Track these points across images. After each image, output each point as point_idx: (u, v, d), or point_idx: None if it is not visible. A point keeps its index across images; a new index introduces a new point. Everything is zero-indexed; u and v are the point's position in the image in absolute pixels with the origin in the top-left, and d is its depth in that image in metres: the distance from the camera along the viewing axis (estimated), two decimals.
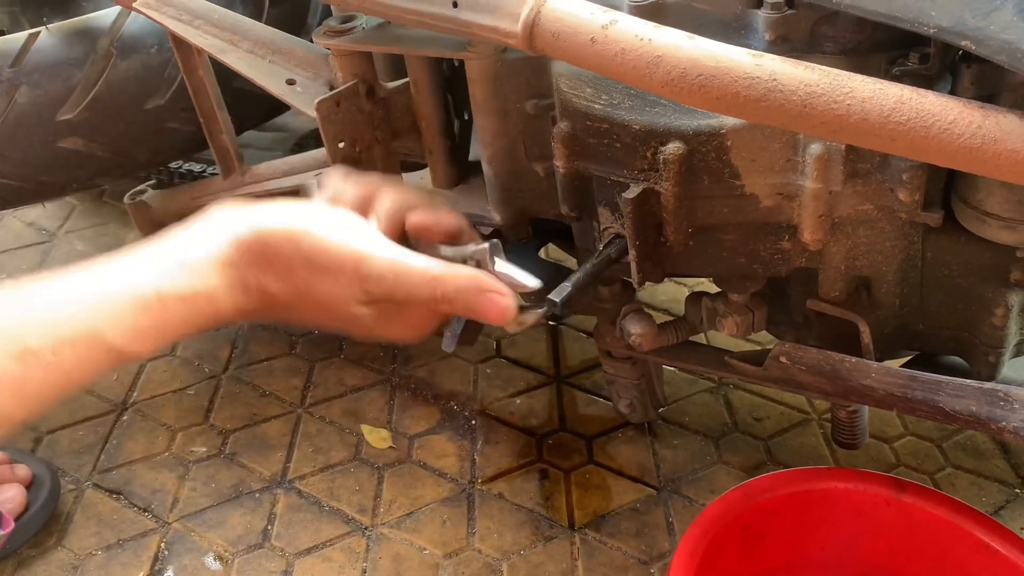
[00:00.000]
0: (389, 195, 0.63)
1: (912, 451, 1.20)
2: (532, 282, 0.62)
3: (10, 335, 0.48)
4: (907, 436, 1.22)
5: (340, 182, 0.64)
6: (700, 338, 1.15)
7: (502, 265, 0.61)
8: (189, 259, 0.54)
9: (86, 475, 1.21)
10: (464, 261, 0.61)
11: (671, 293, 1.48)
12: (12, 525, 1.07)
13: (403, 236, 0.63)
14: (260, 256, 0.55)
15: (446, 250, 0.63)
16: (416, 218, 0.63)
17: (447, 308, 0.59)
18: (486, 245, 0.61)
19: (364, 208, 0.62)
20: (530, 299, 0.65)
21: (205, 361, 1.40)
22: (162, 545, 1.12)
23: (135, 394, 1.35)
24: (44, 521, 1.13)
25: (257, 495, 1.18)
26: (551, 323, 1.43)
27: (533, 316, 0.63)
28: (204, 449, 1.25)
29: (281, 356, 1.41)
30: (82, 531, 1.14)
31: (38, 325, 0.49)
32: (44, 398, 0.49)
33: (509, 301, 0.59)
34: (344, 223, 0.58)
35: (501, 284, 0.60)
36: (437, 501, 1.15)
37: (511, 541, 1.10)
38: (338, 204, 0.62)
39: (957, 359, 0.87)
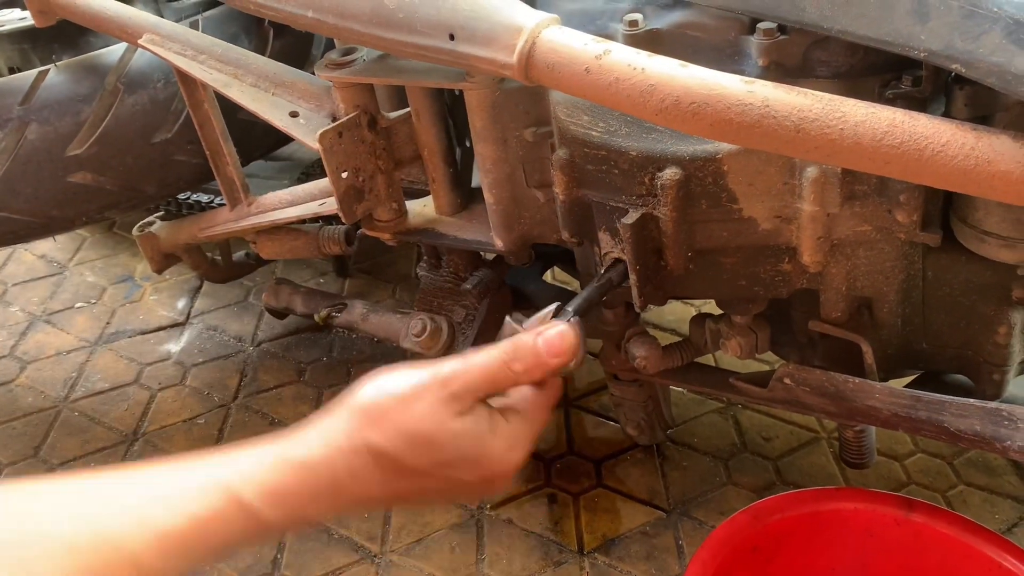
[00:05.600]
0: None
1: (923, 469, 1.19)
2: (549, 307, 0.66)
3: (151, 481, 0.51)
4: (918, 454, 1.21)
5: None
6: (708, 359, 1.15)
7: (528, 322, 0.65)
8: (312, 433, 0.57)
9: None
10: None
11: (678, 313, 1.48)
12: None
13: None
14: (363, 416, 0.57)
15: None
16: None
17: (521, 368, 0.60)
18: (507, 319, 0.65)
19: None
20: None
21: (214, 390, 1.41)
22: None
23: (145, 424, 1.35)
24: None
25: None
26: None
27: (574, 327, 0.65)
28: None
29: (290, 384, 1.42)
30: None
31: (172, 475, 0.52)
32: (182, 550, 0.50)
33: (557, 326, 0.62)
34: (421, 366, 0.60)
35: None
36: (446, 527, 1.15)
37: (520, 567, 1.09)
38: None
39: (962, 377, 0.87)
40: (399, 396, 0.57)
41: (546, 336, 0.61)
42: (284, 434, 0.57)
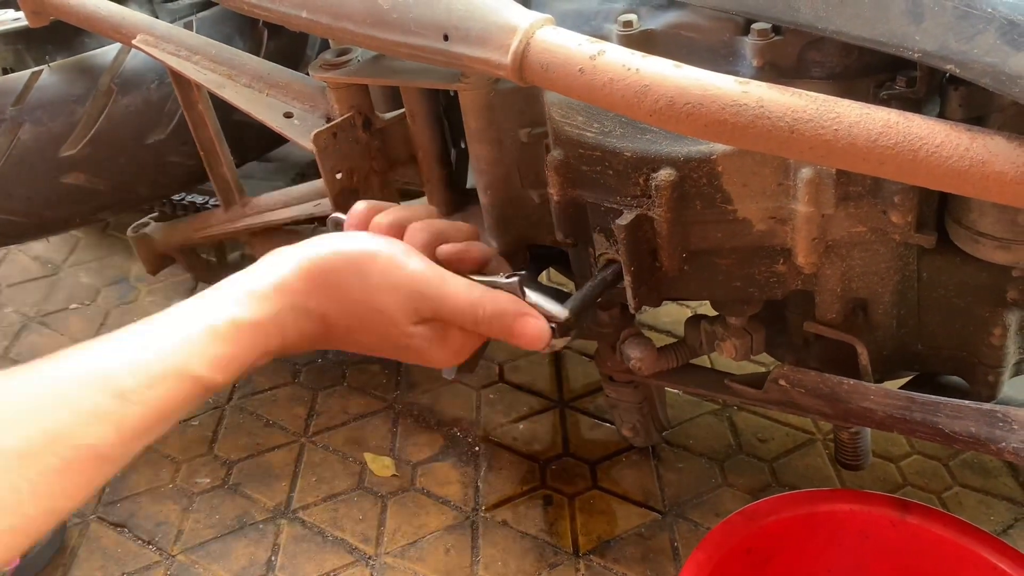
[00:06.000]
0: (420, 226, 0.66)
1: (919, 470, 1.19)
2: (561, 311, 0.66)
3: (107, 378, 0.51)
4: (913, 455, 1.21)
5: (368, 212, 0.68)
6: (704, 360, 1.15)
7: (532, 295, 0.65)
8: (257, 288, 0.58)
9: (91, 508, 1.22)
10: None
11: (674, 315, 1.48)
12: (18, 561, 1.07)
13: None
14: (321, 282, 0.59)
15: (477, 279, 0.66)
16: (448, 248, 0.66)
17: (485, 329, 0.63)
18: (515, 278, 0.65)
19: (396, 237, 0.65)
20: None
21: None
22: None
23: None
24: (50, 556, 1.13)
25: (261, 526, 1.17)
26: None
27: (561, 341, 0.67)
28: (208, 480, 1.25)
29: (284, 385, 1.41)
30: (87, 565, 1.14)
31: (131, 366, 0.53)
32: (142, 433, 0.52)
33: (545, 324, 0.64)
34: (396, 248, 0.62)
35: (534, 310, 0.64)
36: (441, 529, 1.15)
37: (515, 569, 1.09)
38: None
39: (957, 379, 0.87)
40: (366, 282, 0.60)
41: (526, 325, 0.63)
42: (237, 282, 0.58)
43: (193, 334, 0.55)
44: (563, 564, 1.10)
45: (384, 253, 0.61)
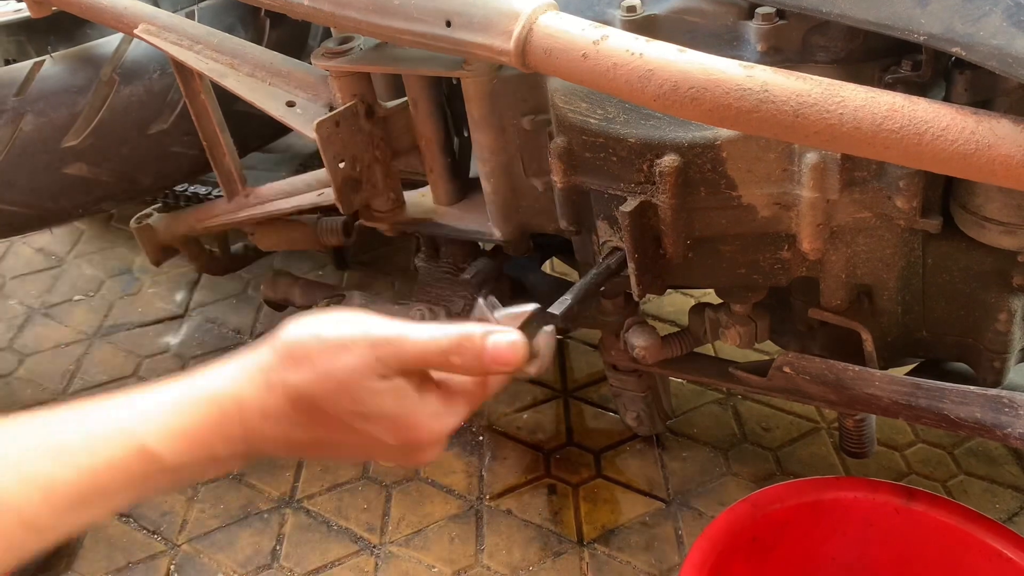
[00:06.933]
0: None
1: (923, 459, 1.19)
2: (528, 306, 0.61)
3: (46, 436, 0.48)
4: (918, 444, 1.21)
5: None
6: (708, 349, 1.15)
7: (501, 312, 0.60)
8: (227, 367, 0.54)
9: None
10: None
11: (678, 305, 1.47)
12: None
13: None
14: (285, 354, 0.54)
15: None
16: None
17: (457, 362, 0.56)
18: (480, 301, 0.61)
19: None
20: (534, 328, 0.64)
21: None
22: (171, 567, 1.12)
23: None
24: (54, 545, 1.14)
25: (265, 515, 1.18)
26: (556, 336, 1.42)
27: (544, 337, 0.61)
28: None
29: None
30: (92, 555, 1.14)
31: (74, 427, 0.49)
32: (76, 504, 0.48)
33: (512, 334, 0.57)
34: (354, 314, 0.57)
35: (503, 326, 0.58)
36: (445, 518, 1.15)
37: (520, 557, 1.09)
38: None
39: (963, 365, 0.87)
40: (325, 341, 0.54)
41: (495, 341, 0.56)
42: (197, 370, 0.54)
43: (143, 401, 0.51)
44: (567, 553, 1.10)
45: (341, 317, 0.56)
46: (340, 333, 0.55)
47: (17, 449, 0.47)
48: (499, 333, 0.57)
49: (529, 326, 0.59)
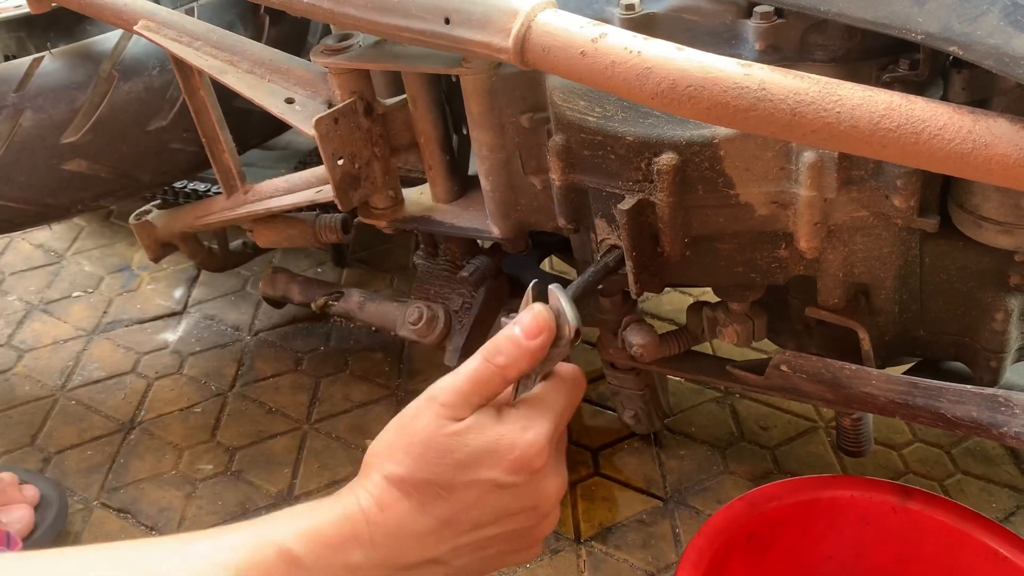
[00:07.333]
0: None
1: (921, 458, 1.19)
2: (527, 288, 0.62)
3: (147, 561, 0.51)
4: (915, 443, 1.21)
5: None
6: (705, 347, 1.15)
7: (557, 299, 0.61)
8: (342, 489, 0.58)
9: (94, 494, 1.22)
10: None
11: (676, 303, 1.48)
12: (20, 545, 1.07)
13: None
14: (373, 455, 0.58)
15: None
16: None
17: (504, 360, 0.58)
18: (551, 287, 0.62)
19: None
20: (542, 296, 0.63)
21: (211, 379, 1.41)
22: None
23: (142, 413, 1.35)
24: (52, 541, 1.14)
25: (264, 512, 1.17)
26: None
27: (553, 295, 0.61)
28: (211, 467, 1.25)
29: (287, 373, 1.42)
30: None
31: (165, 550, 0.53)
32: None
33: (529, 308, 0.59)
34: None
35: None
36: None
37: None
38: None
39: (959, 365, 0.87)
40: (400, 425, 0.58)
41: (519, 320, 0.59)
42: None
43: (252, 525, 0.55)
44: (565, 550, 1.10)
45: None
46: (408, 413, 0.58)
47: (166, 563, 0.51)
48: (519, 315, 0.59)
49: (538, 298, 0.61)
